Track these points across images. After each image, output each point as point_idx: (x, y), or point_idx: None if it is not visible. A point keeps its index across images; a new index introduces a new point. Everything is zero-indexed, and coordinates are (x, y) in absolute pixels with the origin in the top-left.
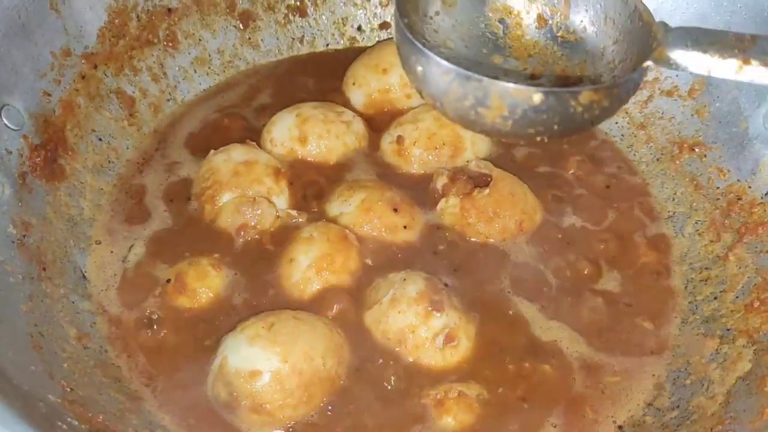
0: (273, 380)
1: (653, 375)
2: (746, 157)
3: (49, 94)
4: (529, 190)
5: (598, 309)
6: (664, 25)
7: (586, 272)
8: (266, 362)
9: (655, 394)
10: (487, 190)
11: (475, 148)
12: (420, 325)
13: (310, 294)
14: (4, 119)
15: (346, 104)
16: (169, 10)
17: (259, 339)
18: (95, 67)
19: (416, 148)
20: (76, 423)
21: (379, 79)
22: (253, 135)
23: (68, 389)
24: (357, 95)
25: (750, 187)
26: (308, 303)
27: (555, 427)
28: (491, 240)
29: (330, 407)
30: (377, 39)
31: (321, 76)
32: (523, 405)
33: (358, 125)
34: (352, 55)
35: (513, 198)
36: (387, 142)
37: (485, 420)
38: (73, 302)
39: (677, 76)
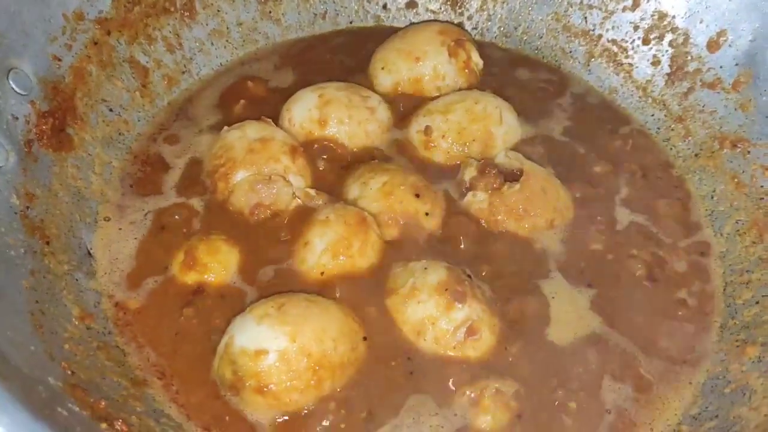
0: (279, 360)
1: (690, 383)
2: None
3: (60, 59)
4: (561, 184)
5: (635, 307)
6: None
7: (621, 272)
8: (273, 341)
9: (692, 402)
10: (517, 186)
11: (506, 146)
12: (441, 317)
13: (326, 278)
14: (12, 83)
15: (371, 85)
16: None
17: (268, 318)
18: (108, 33)
19: (444, 141)
20: (77, 409)
21: (411, 68)
22: (271, 111)
23: (69, 372)
24: (385, 80)
25: None
26: (322, 287)
27: None
28: (520, 232)
29: (340, 395)
30: (403, 18)
31: (344, 55)
32: (562, 404)
33: (383, 112)
34: (377, 34)
35: (545, 195)
36: (414, 131)
37: (522, 418)
38: (77, 280)
39: (721, 67)
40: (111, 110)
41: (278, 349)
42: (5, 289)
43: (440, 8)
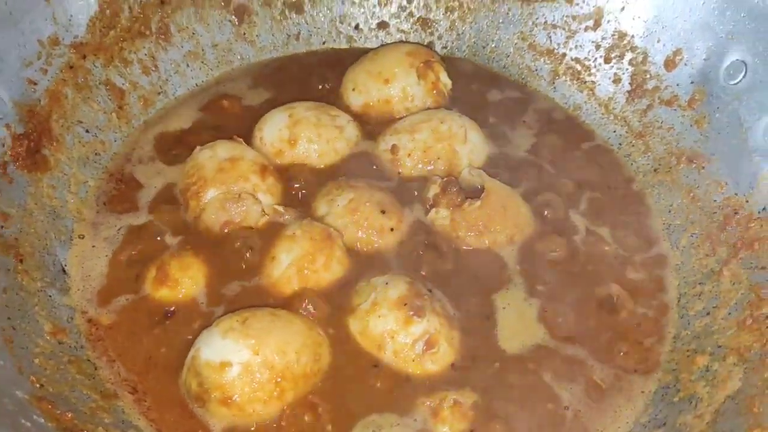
0: (243, 372)
1: (642, 391)
2: (745, 171)
3: (35, 83)
4: (522, 201)
5: (592, 320)
6: None
7: (578, 283)
8: (237, 354)
9: (642, 410)
10: (478, 203)
11: (471, 163)
12: (400, 331)
13: (290, 293)
14: None
15: (342, 105)
16: (162, 2)
17: (232, 332)
18: (84, 57)
19: (410, 159)
20: (42, 421)
21: (380, 89)
22: (244, 130)
23: (38, 385)
24: (355, 100)
25: (747, 201)
26: (287, 301)
27: None
28: (480, 248)
29: (302, 407)
30: (375, 38)
31: (317, 75)
32: (518, 413)
33: (351, 131)
34: (349, 54)
35: (505, 212)
36: (381, 148)
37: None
38: (50, 296)
39: (678, 85)
40: (87, 131)
41: (242, 361)
42: None
43: (411, 28)
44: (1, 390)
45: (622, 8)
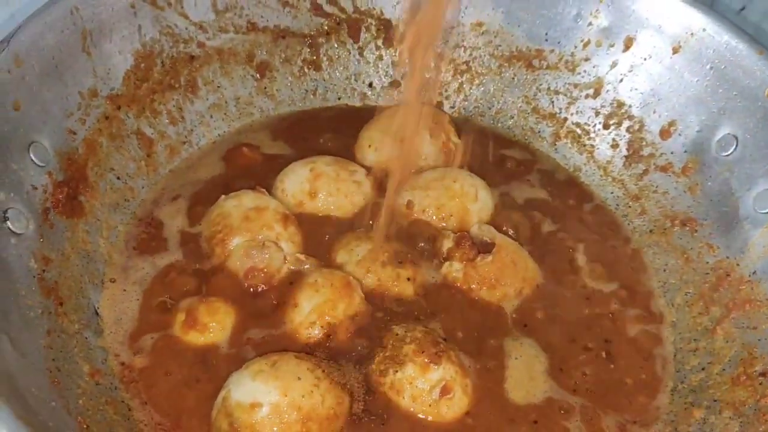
0: (272, 412)
1: None
2: (736, 236)
3: (74, 133)
4: (529, 256)
5: (594, 372)
6: None
7: (583, 336)
8: (266, 395)
9: None
10: (489, 257)
11: (480, 219)
12: (417, 377)
13: (313, 338)
14: (32, 156)
15: (358, 160)
16: (192, 57)
17: (262, 374)
18: (118, 108)
19: (424, 215)
20: None
21: (396, 147)
22: (263, 179)
23: (85, 426)
24: (371, 156)
25: (738, 265)
26: (310, 347)
27: None
28: (491, 300)
29: None
30: (387, 96)
31: (332, 129)
32: None
33: (368, 186)
34: (364, 111)
35: (514, 267)
36: (397, 203)
37: None
38: (87, 338)
39: (672, 153)
40: (118, 178)
41: (271, 402)
42: (28, 348)
43: None
44: (57, 431)
45: (621, 80)
